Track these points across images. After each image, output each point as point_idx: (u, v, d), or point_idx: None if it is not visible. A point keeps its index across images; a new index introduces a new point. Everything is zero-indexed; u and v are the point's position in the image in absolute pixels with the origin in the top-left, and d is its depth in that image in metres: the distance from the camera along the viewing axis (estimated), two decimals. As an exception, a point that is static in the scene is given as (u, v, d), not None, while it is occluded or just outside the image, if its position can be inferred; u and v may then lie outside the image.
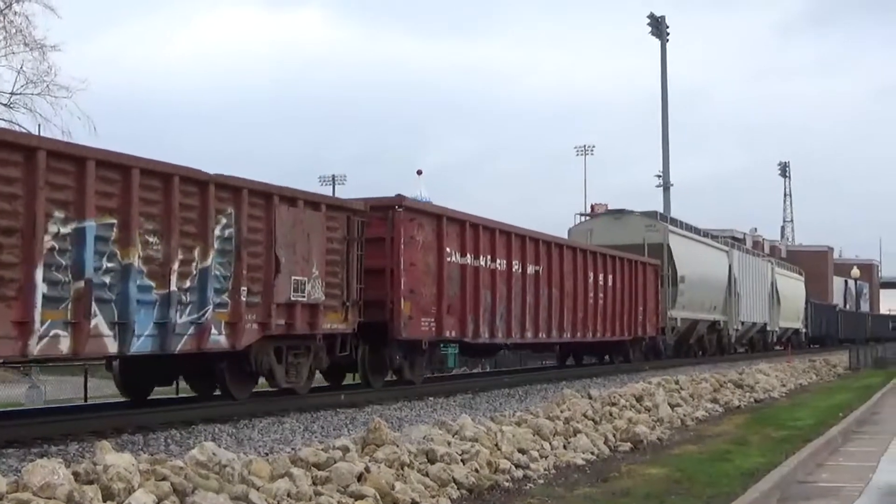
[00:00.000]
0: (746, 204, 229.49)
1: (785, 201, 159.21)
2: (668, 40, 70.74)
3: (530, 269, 25.60)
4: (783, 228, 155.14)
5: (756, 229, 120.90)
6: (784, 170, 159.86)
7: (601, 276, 30.81)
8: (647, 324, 35.11)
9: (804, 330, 70.88)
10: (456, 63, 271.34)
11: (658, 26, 70.86)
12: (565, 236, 36.67)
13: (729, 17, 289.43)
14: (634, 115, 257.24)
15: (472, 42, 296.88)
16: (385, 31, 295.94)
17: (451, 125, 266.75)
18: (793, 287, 67.51)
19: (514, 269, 24.62)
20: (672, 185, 69.97)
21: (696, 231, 46.78)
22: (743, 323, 50.78)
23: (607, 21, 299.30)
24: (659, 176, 70.72)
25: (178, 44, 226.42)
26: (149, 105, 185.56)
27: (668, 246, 39.07)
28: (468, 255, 22.45)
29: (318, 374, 20.05)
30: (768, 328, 57.99)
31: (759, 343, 58.06)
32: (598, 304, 30.45)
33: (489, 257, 23.43)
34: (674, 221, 43.42)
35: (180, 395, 21.41)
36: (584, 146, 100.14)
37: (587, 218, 46.36)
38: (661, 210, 54.74)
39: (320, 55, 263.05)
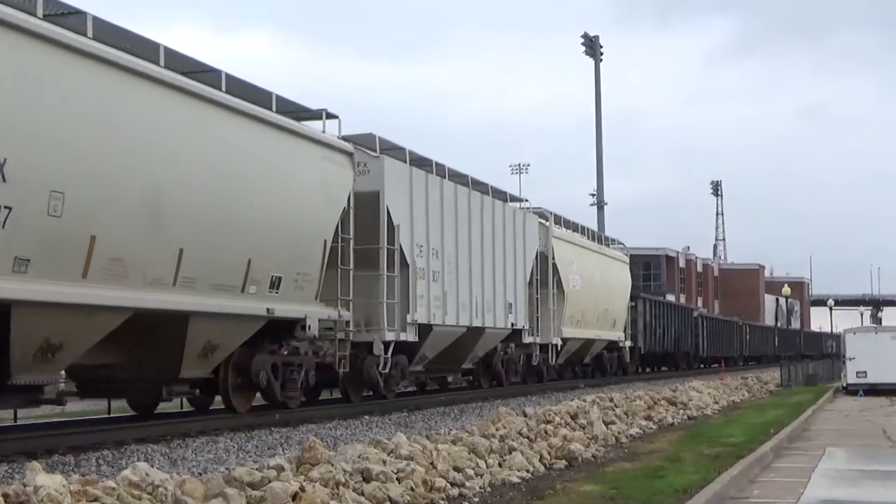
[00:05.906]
0: (680, 223, 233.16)
1: (717, 220, 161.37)
2: (601, 59, 71.45)
3: None
4: (716, 247, 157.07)
5: (689, 248, 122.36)
6: (716, 189, 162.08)
7: None
8: None
9: (628, 343, 44.61)
10: (396, 84, 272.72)
11: (592, 46, 71.53)
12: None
13: (662, 45, 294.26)
14: (570, 136, 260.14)
15: (413, 64, 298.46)
16: (328, 53, 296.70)
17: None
18: (599, 269, 39.49)
19: None
20: (606, 203, 70.33)
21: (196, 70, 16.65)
22: (434, 327, 24.69)
23: (544, 46, 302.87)
24: (593, 195, 71.20)
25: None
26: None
27: None
28: None
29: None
30: (528, 339, 31.91)
31: (507, 369, 30.94)
32: None
33: None
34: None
35: (114, 415, 21.14)
36: (520, 164, 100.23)
37: None
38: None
39: (266, 75, 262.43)
